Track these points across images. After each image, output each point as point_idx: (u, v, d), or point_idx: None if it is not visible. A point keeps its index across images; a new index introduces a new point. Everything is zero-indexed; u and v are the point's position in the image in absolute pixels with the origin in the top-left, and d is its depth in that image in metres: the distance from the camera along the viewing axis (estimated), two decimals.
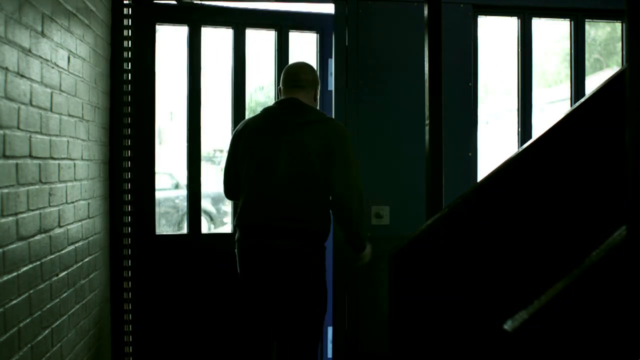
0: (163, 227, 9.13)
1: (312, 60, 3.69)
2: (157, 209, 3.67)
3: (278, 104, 2.87)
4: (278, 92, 3.05)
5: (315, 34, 3.73)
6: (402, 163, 3.55)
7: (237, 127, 2.96)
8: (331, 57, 3.68)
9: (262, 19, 3.68)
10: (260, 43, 4.00)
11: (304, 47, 3.83)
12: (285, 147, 2.70)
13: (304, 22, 3.72)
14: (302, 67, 2.93)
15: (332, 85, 3.64)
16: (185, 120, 3.63)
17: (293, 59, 3.65)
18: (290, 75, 2.89)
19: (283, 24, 3.68)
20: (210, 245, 3.58)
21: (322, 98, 3.62)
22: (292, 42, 3.70)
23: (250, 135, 2.81)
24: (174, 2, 3.57)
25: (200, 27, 3.59)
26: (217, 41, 4.34)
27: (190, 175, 3.61)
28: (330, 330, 3.72)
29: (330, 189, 2.69)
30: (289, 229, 2.62)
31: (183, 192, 3.97)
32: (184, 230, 3.85)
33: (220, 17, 3.65)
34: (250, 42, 3.71)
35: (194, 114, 3.60)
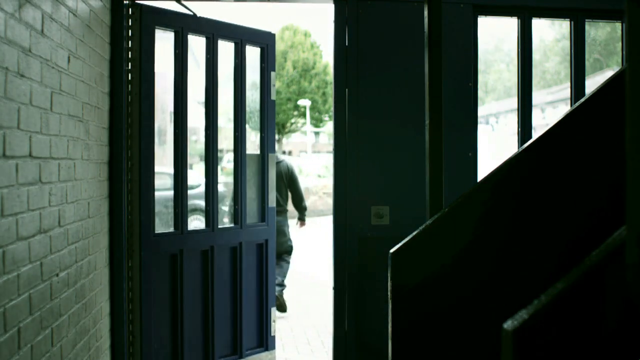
0: (165, 228, 9.13)
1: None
2: (156, 209, 3.69)
3: None
4: None
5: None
6: (402, 163, 3.55)
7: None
8: None
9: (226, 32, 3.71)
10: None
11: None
12: (280, 174, 5.99)
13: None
14: None
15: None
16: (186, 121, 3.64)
17: None
18: None
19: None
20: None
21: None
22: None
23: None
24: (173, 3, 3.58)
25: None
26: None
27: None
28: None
29: (291, 191, 6.16)
30: (282, 210, 5.95)
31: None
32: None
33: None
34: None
35: (182, 115, 3.66)
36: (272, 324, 4.17)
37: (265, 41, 4.11)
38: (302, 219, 6.44)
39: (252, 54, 4.09)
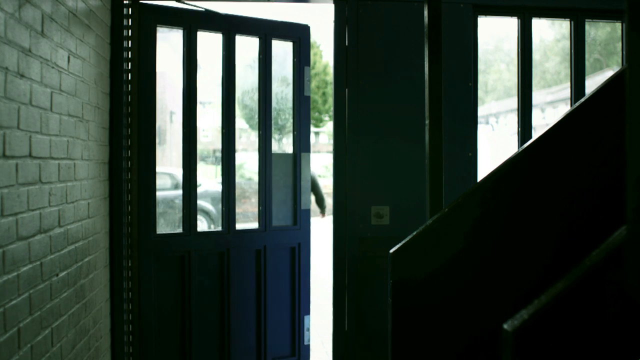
0: (165, 228, 9.13)
1: None
2: (161, 209, 3.67)
3: None
4: None
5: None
6: (402, 163, 3.55)
7: None
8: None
9: (248, 27, 3.71)
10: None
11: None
12: None
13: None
14: None
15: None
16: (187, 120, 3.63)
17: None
18: None
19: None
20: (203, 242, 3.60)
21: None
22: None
23: None
24: (175, 4, 3.58)
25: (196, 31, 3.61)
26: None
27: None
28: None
29: (314, 194, 9.51)
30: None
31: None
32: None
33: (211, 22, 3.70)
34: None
35: (190, 114, 3.61)
36: (306, 333, 3.95)
37: (297, 34, 3.87)
38: (322, 212, 9.14)
39: (274, 47, 3.88)
